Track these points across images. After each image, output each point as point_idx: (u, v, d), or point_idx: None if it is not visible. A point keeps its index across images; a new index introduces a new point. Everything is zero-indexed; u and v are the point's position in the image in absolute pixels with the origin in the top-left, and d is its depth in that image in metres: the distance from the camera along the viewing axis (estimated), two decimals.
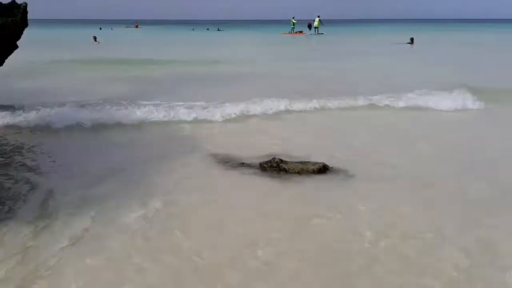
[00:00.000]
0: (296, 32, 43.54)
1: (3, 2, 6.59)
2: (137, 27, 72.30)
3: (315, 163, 5.71)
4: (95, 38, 30.33)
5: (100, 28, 54.37)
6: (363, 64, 17.55)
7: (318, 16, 43.31)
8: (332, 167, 5.70)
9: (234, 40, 36.58)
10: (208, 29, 67.29)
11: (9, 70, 7.92)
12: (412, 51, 26.03)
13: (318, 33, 42.39)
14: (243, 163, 5.94)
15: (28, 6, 6.65)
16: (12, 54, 6.97)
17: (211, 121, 8.18)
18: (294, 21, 44.40)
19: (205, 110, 8.61)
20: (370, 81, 12.85)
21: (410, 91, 10.26)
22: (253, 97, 9.27)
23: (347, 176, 5.54)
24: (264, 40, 37.25)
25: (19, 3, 6.64)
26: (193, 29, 65.66)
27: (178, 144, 6.82)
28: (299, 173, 5.54)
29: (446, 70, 15.87)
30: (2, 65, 6.93)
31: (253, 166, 5.80)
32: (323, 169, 5.62)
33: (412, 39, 30.08)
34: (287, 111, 8.93)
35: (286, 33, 44.04)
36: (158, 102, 9.07)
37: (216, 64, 16.76)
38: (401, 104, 9.56)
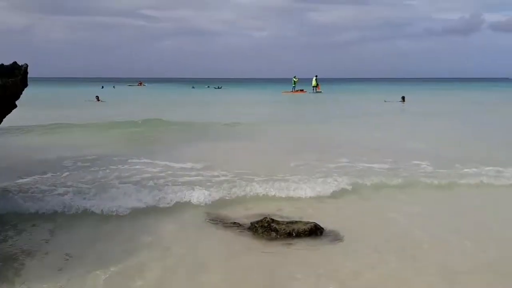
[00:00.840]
0: (297, 91, 43.90)
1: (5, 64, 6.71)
2: (140, 85, 72.95)
3: (306, 223, 5.60)
4: (97, 97, 30.64)
5: (102, 87, 55.05)
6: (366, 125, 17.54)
7: (316, 76, 44.18)
8: (324, 228, 5.57)
9: (238, 99, 36.44)
10: (208, 86, 68.63)
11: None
12: (404, 108, 26.58)
13: (316, 92, 43.10)
14: (234, 223, 5.83)
15: (28, 67, 6.76)
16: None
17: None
18: (295, 79, 44.74)
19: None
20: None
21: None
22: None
23: (339, 239, 5.41)
24: (268, 98, 37.84)
25: (20, 64, 6.75)
26: (193, 87, 66.96)
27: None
28: (290, 233, 5.41)
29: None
30: (0, 123, 6.95)
31: (243, 226, 5.69)
32: (314, 229, 5.50)
33: (403, 98, 30.67)
34: None
35: (287, 91, 44.50)
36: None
37: (228, 126, 15.77)
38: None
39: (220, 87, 66.22)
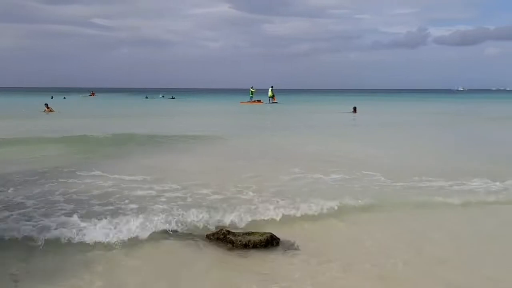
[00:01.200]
0: (255, 101, 44.18)
1: None
2: (93, 95, 71.55)
3: (262, 234, 5.51)
4: (47, 105, 29.49)
5: (52, 97, 52.84)
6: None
7: (272, 87, 44.66)
8: (280, 239, 5.50)
9: (196, 110, 36.14)
10: (162, 96, 67.76)
11: None
12: (355, 119, 27.22)
13: (272, 102, 43.58)
14: (189, 234, 5.66)
15: None
16: None
17: None
18: (252, 90, 45.10)
19: None
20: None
21: None
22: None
23: (295, 249, 5.34)
24: (227, 109, 37.87)
25: None
26: (146, 97, 65.88)
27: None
28: (246, 245, 5.30)
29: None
30: None
31: (199, 237, 5.53)
32: (270, 240, 5.42)
33: (355, 108, 31.40)
34: None
35: (245, 102, 44.73)
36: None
37: (188, 138, 15.18)
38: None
39: (173, 97, 65.57)
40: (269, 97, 44.13)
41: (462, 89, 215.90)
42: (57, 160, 10.58)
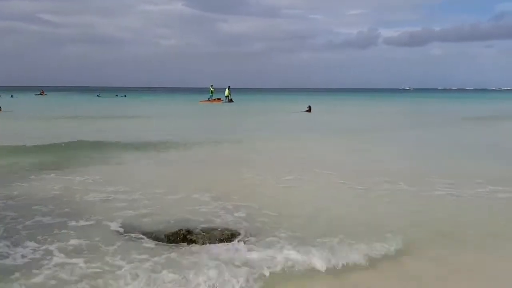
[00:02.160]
0: (214, 100, 44.22)
1: None
2: (42, 94, 68.17)
3: (223, 231, 5.45)
4: None
5: (12, 96, 49.44)
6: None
7: (228, 87, 44.73)
8: (240, 234, 5.44)
9: (153, 110, 34.19)
10: (116, 95, 66.18)
11: None
12: (310, 117, 27.62)
13: (229, 101, 43.63)
14: (149, 234, 5.49)
15: None
16: None
17: None
18: (212, 89, 45.09)
19: None
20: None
21: None
22: None
23: (254, 243, 5.29)
24: (186, 107, 37.34)
25: None
26: (98, 95, 64.14)
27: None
28: (207, 243, 5.21)
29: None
30: None
31: (158, 238, 5.38)
32: (230, 237, 5.36)
33: (309, 107, 31.78)
34: None
35: (204, 101, 44.71)
36: None
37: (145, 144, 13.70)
38: None
39: (125, 95, 64.26)
40: (226, 96, 44.24)
41: (408, 88, 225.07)
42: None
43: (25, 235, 5.44)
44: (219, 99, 44.33)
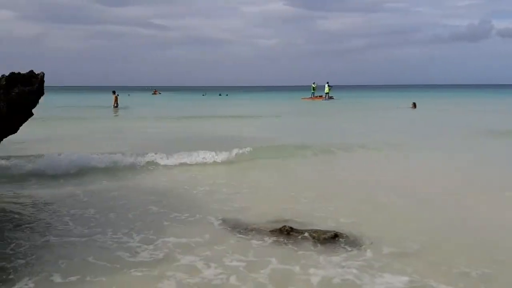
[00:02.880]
0: (316, 97, 44.64)
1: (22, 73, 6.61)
2: (155, 93, 71.54)
3: (325, 232, 5.38)
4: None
5: (129, 95, 53.31)
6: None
7: (327, 83, 44.52)
8: (344, 234, 5.35)
9: (267, 108, 34.00)
10: (220, 94, 68.66)
11: None
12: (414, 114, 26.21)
13: (329, 98, 43.52)
14: (253, 229, 5.62)
15: (45, 75, 6.66)
16: None
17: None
18: (314, 86, 45.55)
19: None
20: None
21: None
22: None
23: (360, 245, 5.17)
24: (290, 105, 37.88)
25: (36, 73, 6.67)
26: (203, 95, 66.97)
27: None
28: (310, 241, 5.19)
29: None
30: (17, 131, 6.86)
31: (263, 233, 5.48)
32: (334, 237, 5.28)
33: (414, 104, 30.30)
34: None
35: (307, 98, 45.38)
36: None
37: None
38: None
39: (227, 94, 66.61)
40: (326, 93, 44.09)
41: None
42: None
43: (142, 227, 5.86)
44: (320, 96, 44.33)
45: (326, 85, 44.19)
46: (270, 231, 5.51)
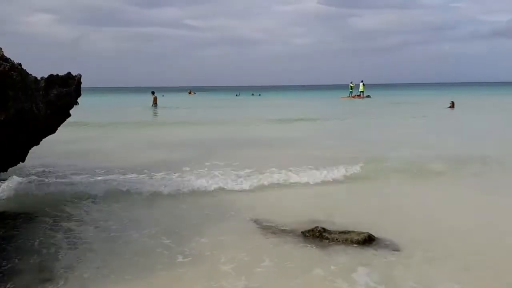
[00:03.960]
0: (354, 96, 44.74)
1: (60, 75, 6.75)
2: (190, 93, 71.09)
3: (359, 233, 5.20)
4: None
5: (163, 95, 54.28)
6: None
7: (362, 81, 44.34)
8: (378, 238, 5.16)
9: (304, 107, 33.55)
10: (252, 94, 68.77)
11: None
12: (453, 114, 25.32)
13: (365, 97, 43.74)
14: (284, 230, 5.52)
15: (82, 77, 6.78)
16: None
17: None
18: (352, 85, 45.67)
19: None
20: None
21: None
22: None
23: (395, 248, 4.97)
24: (333, 104, 37.57)
25: (74, 74, 6.80)
26: (237, 95, 67.18)
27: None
28: (343, 243, 5.04)
29: None
30: (55, 132, 7.01)
31: (295, 234, 5.37)
32: (368, 240, 5.10)
33: (452, 103, 29.32)
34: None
35: (345, 97, 45.38)
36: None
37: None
38: None
39: (260, 94, 66.50)
40: (361, 91, 44.19)
41: None
42: None
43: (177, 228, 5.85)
44: (358, 95, 44.26)
45: (361, 84, 44.39)
46: (301, 232, 5.37)
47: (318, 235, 5.23)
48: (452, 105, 29.11)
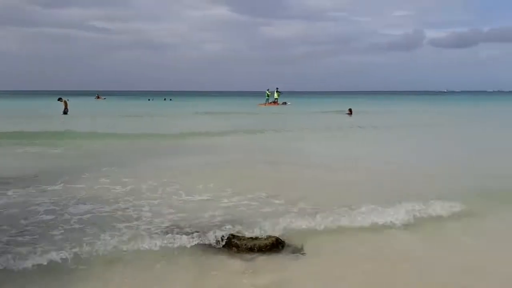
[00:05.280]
0: (270, 103, 45.34)
1: None
2: (98, 98, 67.99)
3: (267, 238, 5.29)
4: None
5: (68, 99, 50.44)
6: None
7: (277, 88, 45.51)
8: (285, 241, 5.28)
9: (215, 113, 33.60)
10: (165, 99, 67.49)
11: None
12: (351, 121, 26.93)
13: (282, 103, 45.19)
14: (195, 237, 5.42)
15: None
16: None
17: None
18: (268, 92, 46.40)
19: None
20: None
21: None
22: None
23: (301, 252, 5.12)
24: (250, 110, 37.49)
25: None
26: (149, 99, 65.60)
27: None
28: (251, 248, 5.09)
29: None
30: None
31: (203, 241, 5.29)
32: (276, 244, 5.20)
33: (350, 110, 31.07)
34: None
35: (262, 104, 45.98)
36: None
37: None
38: None
39: (171, 99, 66.03)
40: (275, 98, 45.55)
41: (445, 91, 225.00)
42: None
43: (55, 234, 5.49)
44: (275, 102, 45.23)
45: (275, 91, 45.63)
46: (211, 238, 5.33)
47: (227, 242, 5.20)
48: (350, 112, 30.89)
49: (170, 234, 5.47)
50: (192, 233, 5.50)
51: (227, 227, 5.56)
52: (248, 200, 7.06)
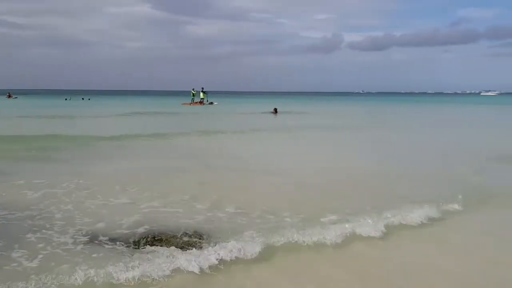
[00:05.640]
0: (196, 103, 44.73)
1: None
2: (9, 97, 64.04)
3: (189, 235, 5.40)
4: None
5: None
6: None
7: (202, 88, 45.29)
8: (205, 239, 5.37)
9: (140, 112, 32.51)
10: (83, 98, 64.49)
11: None
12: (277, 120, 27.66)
13: (208, 103, 44.75)
14: (114, 240, 5.36)
15: None
16: None
17: None
18: (194, 92, 45.60)
19: None
20: None
21: None
22: None
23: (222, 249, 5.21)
24: (175, 110, 36.68)
25: None
26: (66, 99, 62.21)
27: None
28: (172, 247, 5.15)
29: None
30: None
31: (125, 243, 5.26)
32: (196, 242, 5.29)
33: (275, 109, 31.94)
34: None
35: (186, 103, 45.26)
36: None
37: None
38: None
39: (89, 99, 63.63)
40: (201, 98, 45.05)
41: (362, 92, 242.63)
42: None
43: None
44: (201, 102, 44.75)
45: (201, 91, 45.14)
46: (132, 241, 5.32)
47: (150, 242, 5.24)
48: (275, 111, 31.76)
49: (89, 234, 5.35)
50: (114, 234, 5.45)
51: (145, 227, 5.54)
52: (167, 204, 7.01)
